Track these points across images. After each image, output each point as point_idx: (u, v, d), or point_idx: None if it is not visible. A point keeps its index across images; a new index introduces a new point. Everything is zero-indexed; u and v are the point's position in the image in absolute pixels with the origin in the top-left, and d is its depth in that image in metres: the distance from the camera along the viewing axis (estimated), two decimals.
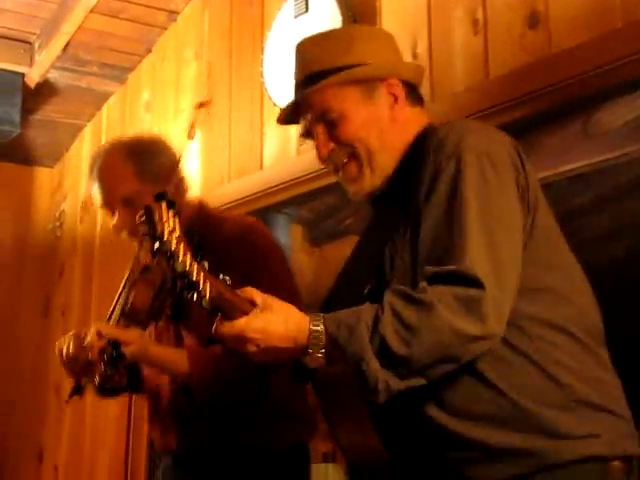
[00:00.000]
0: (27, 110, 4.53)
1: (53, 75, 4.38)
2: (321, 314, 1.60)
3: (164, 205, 1.56)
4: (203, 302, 1.55)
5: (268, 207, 3.41)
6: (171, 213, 1.55)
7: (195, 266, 1.54)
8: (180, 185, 2.48)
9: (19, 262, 5.00)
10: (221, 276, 1.59)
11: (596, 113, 2.27)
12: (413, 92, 1.85)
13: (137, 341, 2.26)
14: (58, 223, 5.07)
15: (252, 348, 1.59)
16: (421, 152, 1.71)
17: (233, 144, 3.63)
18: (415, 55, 2.74)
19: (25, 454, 4.88)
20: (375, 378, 1.53)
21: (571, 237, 1.76)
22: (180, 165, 2.54)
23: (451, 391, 1.62)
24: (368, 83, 1.80)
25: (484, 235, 1.58)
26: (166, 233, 1.53)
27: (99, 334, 2.23)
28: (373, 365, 1.53)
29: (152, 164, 2.44)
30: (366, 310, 1.57)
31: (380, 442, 1.70)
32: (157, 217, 1.54)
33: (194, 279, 1.53)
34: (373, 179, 1.80)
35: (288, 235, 3.41)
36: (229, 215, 2.77)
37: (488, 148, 1.66)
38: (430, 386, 1.58)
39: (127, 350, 2.23)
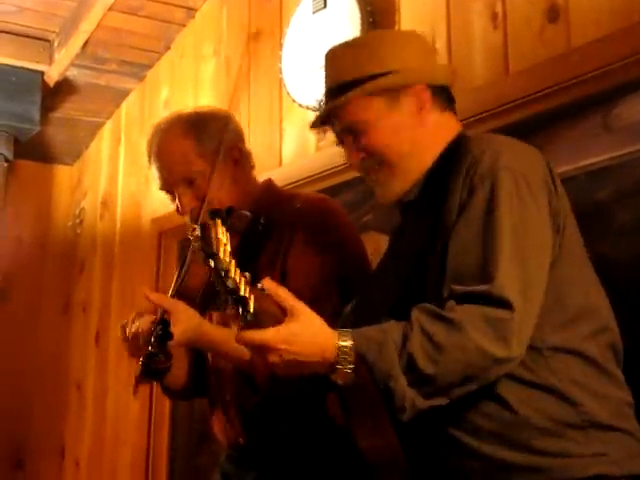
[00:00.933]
0: (46, 108, 4.56)
1: (72, 73, 4.40)
2: (349, 330, 1.59)
3: (219, 222, 1.57)
4: (248, 316, 1.55)
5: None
6: (224, 229, 1.56)
7: (243, 282, 1.55)
8: (245, 161, 2.39)
9: (40, 259, 5.03)
10: (259, 285, 1.59)
11: (616, 107, 2.26)
12: (443, 95, 1.85)
13: (187, 320, 2.10)
14: (78, 220, 5.09)
15: (275, 358, 1.57)
16: (455, 165, 1.71)
17: (252, 141, 3.62)
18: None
19: (47, 450, 4.91)
20: (402, 396, 1.54)
21: (591, 231, 1.76)
22: (244, 138, 2.44)
23: (464, 408, 1.63)
24: (393, 92, 1.80)
25: (516, 256, 1.58)
26: (221, 251, 1.54)
27: (153, 321, 2.11)
28: (401, 383, 1.53)
29: (214, 139, 2.30)
30: (394, 327, 1.57)
31: (399, 445, 1.70)
32: (213, 234, 1.55)
33: (242, 294, 1.54)
34: (402, 183, 1.82)
35: None
36: (299, 192, 2.65)
37: (524, 169, 1.67)
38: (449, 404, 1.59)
39: (176, 329, 2.08)
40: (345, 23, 2.98)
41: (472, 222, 1.63)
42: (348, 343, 1.56)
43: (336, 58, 1.87)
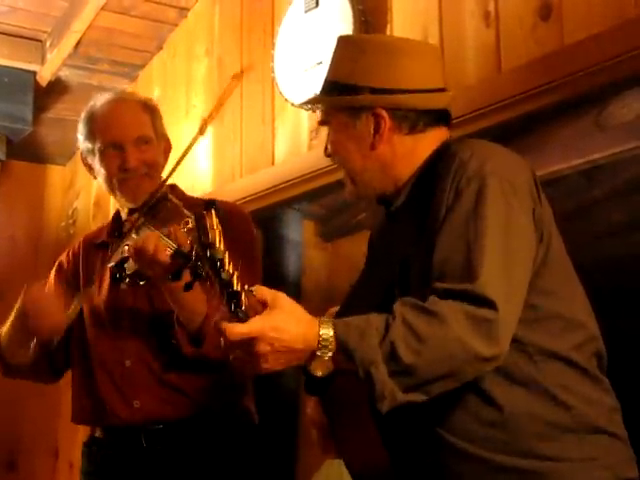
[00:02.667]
0: (39, 108, 4.54)
1: (64, 73, 4.38)
2: (330, 319, 1.59)
3: (214, 213, 1.57)
4: (239, 313, 1.54)
5: (280, 203, 3.40)
6: (217, 220, 1.57)
7: (235, 275, 1.55)
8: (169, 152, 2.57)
9: (33, 259, 5.01)
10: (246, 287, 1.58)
11: (609, 106, 2.25)
12: (420, 117, 1.83)
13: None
14: (71, 221, 5.08)
15: (266, 348, 1.54)
16: (442, 168, 1.72)
17: (244, 140, 3.63)
18: None
19: (40, 451, 4.89)
20: (382, 384, 1.52)
21: (583, 230, 1.76)
22: None
23: (456, 410, 1.64)
24: (354, 110, 1.83)
25: (500, 256, 1.59)
26: (217, 241, 1.54)
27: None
28: (382, 370, 1.52)
29: (161, 123, 2.54)
30: (376, 317, 1.57)
31: (385, 454, 1.70)
32: (208, 225, 1.56)
33: (235, 289, 1.54)
34: (357, 191, 1.89)
35: (300, 231, 3.41)
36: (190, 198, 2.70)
37: (510, 175, 1.67)
38: (435, 404, 1.59)
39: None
40: (337, 22, 2.98)
41: (457, 223, 1.63)
42: (329, 330, 1.55)
43: (336, 51, 1.91)
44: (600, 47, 2.21)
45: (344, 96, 1.84)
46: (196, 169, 3.90)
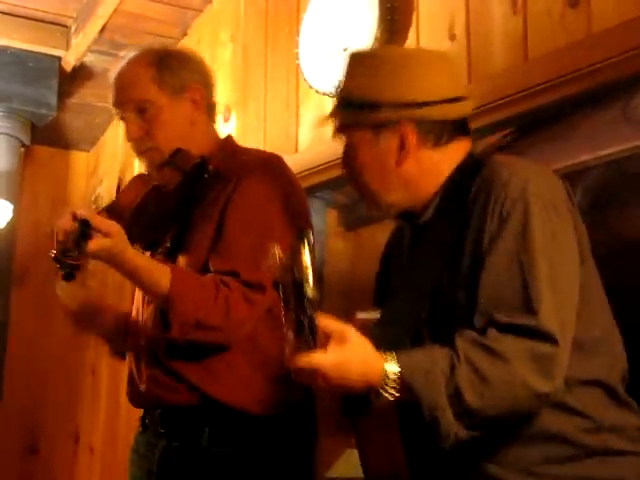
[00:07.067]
0: (63, 94, 4.56)
1: (89, 59, 4.39)
2: (394, 354, 1.57)
3: (307, 246, 1.55)
4: (310, 343, 1.53)
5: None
6: (310, 253, 1.55)
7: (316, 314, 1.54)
8: (205, 108, 2.41)
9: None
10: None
11: (636, 97, 2.23)
12: (445, 128, 1.80)
13: (115, 235, 2.03)
14: (94, 207, 5.10)
15: (322, 384, 1.56)
16: (478, 188, 1.69)
17: (268, 127, 3.62)
18: (453, 36, 2.70)
19: (61, 436, 4.93)
20: (448, 428, 1.53)
21: (610, 222, 1.74)
22: (211, 88, 2.46)
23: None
24: (377, 126, 1.79)
25: (553, 289, 1.58)
26: (309, 279, 1.52)
27: (74, 215, 2.01)
28: (448, 415, 1.53)
29: (175, 76, 2.34)
30: (440, 355, 1.56)
31: (406, 468, 1.69)
32: (302, 260, 1.54)
33: (316, 323, 1.54)
34: (378, 209, 1.86)
35: (323, 219, 3.39)
36: (253, 148, 2.64)
37: (553, 196, 1.66)
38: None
39: (101, 243, 1.99)
40: (362, 7, 2.96)
41: (508, 250, 1.61)
42: (395, 370, 1.55)
43: (353, 66, 1.86)
44: (629, 35, 2.18)
45: (366, 112, 1.80)
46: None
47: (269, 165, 2.32)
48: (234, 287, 2.13)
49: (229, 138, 2.49)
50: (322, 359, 1.53)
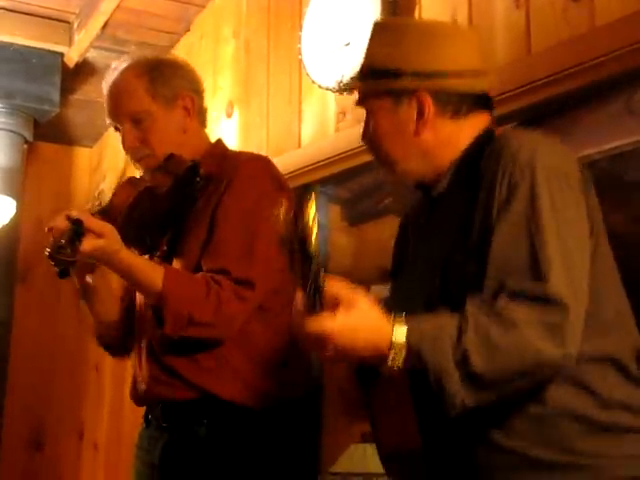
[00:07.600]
0: (66, 90, 4.55)
1: (92, 55, 4.38)
2: (403, 320, 1.57)
3: (313, 204, 1.57)
4: (317, 306, 1.54)
5: (306, 185, 3.38)
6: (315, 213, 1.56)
7: (323, 270, 1.55)
8: (196, 114, 2.47)
9: None
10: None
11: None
12: (464, 101, 1.81)
13: (108, 235, 2.09)
14: (97, 202, 5.08)
15: (336, 348, 1.56)
16: (489, 159, 1.69)
17: (271, 122, 3.62)
18: None
19: (66, 432, 4.93)
20: (455, 393, 1.53)
21: (615, 215, 1.73)
22: (202, 94, 2.53)
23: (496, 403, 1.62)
24: (396, 95, 1.80)
25: (563, 255, 1.57)
26: (309, 235, 1.54)
27: (68, 216, 2.06)
28: (455, 380, 1.52)
29: (167, 85, 2.41)
30: (449, 321, 1.56)
31: (419, 439, 1.68)
32: (305, 218, 1.56)
33: (320, 284, 1.55)
34: (395, 179, 1.87)
35: (326, 214, 3.39)
36: (244, 152, 2.73)
37: (563, 166, 1.66)
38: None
39: (94, 243, 2.05)
40: (365, 2, 2.95)
41: (517, 218, 1.61)
42: (402, 337, 1.55)
43: (376, 36, 1.87)
44: (632, 29, 2.18)
45: (386, 80, 1.80)
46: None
47: (257, 166, 2.39)
48: (225, 285, 2.19)
49: (219, 142, 2.55)
50: (330, 323, 1.54)
